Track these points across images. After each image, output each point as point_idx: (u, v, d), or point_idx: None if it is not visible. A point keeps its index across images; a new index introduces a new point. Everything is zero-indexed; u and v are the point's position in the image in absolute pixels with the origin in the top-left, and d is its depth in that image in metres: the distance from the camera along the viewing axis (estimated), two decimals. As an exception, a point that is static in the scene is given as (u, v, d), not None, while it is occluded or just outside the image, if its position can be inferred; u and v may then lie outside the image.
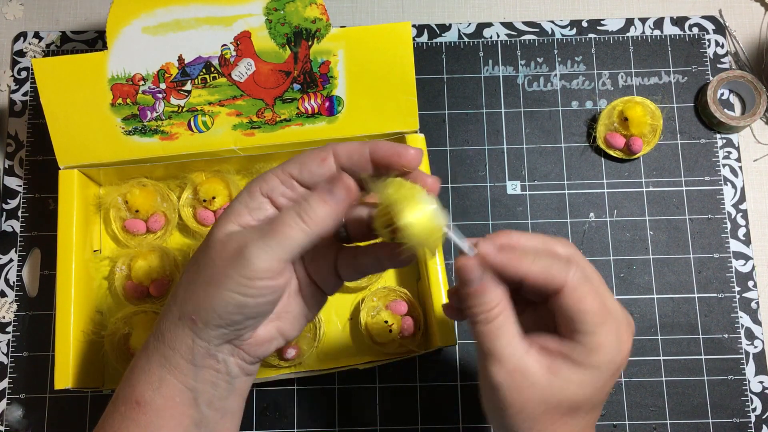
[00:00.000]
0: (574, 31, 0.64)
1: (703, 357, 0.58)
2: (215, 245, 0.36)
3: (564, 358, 0.35)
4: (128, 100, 0.54)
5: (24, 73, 0.64)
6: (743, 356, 0.58)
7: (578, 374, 0.35)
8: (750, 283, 0.59)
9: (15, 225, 0.60)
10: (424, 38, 0.64)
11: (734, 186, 0.61)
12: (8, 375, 0.57)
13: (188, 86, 0.55)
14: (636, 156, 0.61)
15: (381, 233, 0.37)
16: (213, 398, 0.38)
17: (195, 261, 0.37)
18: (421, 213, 0.34)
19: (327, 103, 0.55)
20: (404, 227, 0.34)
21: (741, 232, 0.60)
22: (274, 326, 0.39)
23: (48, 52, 0.64)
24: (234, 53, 0.54)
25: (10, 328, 0.58)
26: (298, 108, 0.55)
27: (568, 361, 0.35)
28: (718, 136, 0.62)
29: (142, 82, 0.54)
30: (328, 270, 0.39)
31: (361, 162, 0.37)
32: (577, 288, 0.35)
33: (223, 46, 0.54)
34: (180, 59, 0.54)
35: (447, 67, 0.63)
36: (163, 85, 0.54)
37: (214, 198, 0.57)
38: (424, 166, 0.55)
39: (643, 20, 0.64)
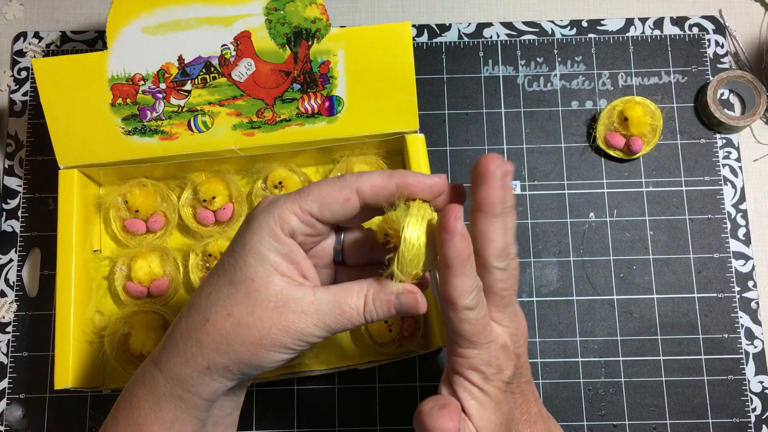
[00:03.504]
0: (574, 31, 0.64)
1: (702, 357, 0.58)
2: (267, 306, 0.35)
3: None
4: (128, 100, 0.54)
5: (24, 73, 0.64)
6: (743, 356, 0.58)
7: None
8: (750, 283, 0.59)
9: (15, 225, 0.60)
10: (424, 38, 0.64)
11: (734, 186, 0.61)
12: (8, 375, 0.57)
13: (188, 86, 0.55)
14: (636, 156, 0.61)
15: (379, 236, 0.37)
16: (219, 418, 0.40)
17: (229, 312, 0.36)
18: (417, 233, 0.35)
19: (327, 103, 0.55)
20: (403, 240, 0.35)
21: (741, 232, 0.60)
22: None
23: (48, 52, 0.64)
24: (234, 53, 0.54)
25: (10, 328, 0.58)
26: (298, 108, 0.55)
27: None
28: (718, 136, 0.62)
29: (142, 82, 0.54)
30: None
31: (387, 197, 0.37)
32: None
33: (223, 46, 0.54)
34: (180, 59, 0.54)
35: (447, 67, 0.63)
36: (163, 85, 0.54)
37: (214, 198, 0.57)
38: (424, 167, 0.55)
39: (643, 20, 0.64)
